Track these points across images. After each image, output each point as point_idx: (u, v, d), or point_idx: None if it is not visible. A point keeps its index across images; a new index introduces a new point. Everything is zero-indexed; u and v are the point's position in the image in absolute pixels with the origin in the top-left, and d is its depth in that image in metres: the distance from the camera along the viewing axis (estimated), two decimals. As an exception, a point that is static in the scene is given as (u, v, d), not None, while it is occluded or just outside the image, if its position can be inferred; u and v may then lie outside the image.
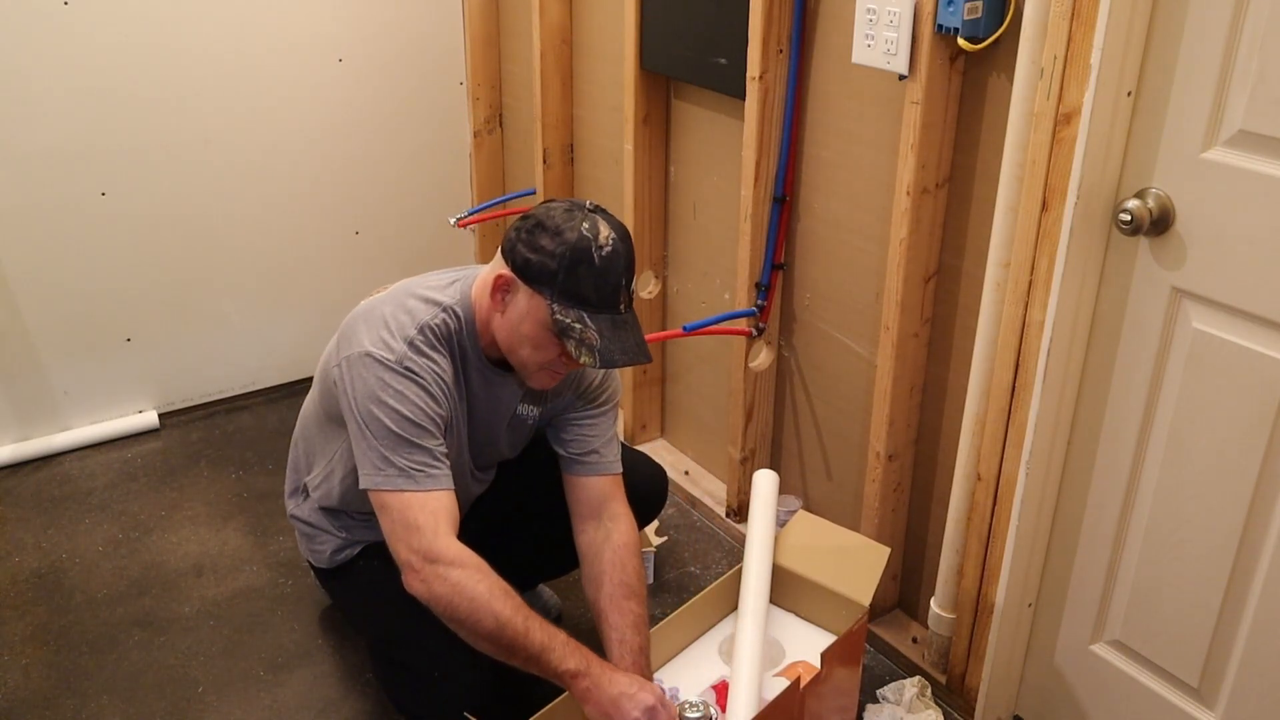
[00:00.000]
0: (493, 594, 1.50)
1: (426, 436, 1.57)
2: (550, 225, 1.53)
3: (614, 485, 1.78)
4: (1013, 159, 1.61)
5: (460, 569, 1.51)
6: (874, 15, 1.74)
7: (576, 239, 1.52)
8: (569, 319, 1.53)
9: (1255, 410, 1.45)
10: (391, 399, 1.55)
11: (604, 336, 1.53)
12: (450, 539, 1.53)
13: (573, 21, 2.67)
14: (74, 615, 2.20)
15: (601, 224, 1.54)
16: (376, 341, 1.58)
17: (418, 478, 1.54)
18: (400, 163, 3.05)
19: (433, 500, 1.54)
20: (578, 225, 1.53)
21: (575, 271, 1.52)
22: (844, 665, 1.73)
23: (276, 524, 2.48)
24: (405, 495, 1.54)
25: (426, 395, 1.58)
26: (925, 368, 1.96)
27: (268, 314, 2.98)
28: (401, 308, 1.62)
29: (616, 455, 1.80)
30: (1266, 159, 1.37)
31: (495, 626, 1.48)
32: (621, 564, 1.70)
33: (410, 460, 1.55)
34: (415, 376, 1.57)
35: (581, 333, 1.52)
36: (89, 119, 2.58)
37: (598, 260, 1.52)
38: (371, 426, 1.56)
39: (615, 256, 1.53)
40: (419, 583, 1.51)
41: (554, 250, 1.52)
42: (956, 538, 1.88)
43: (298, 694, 2.01)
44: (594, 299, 1.53)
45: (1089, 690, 1.80)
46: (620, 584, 1.68)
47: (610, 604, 1.66)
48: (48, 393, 2.74)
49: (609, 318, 1.54)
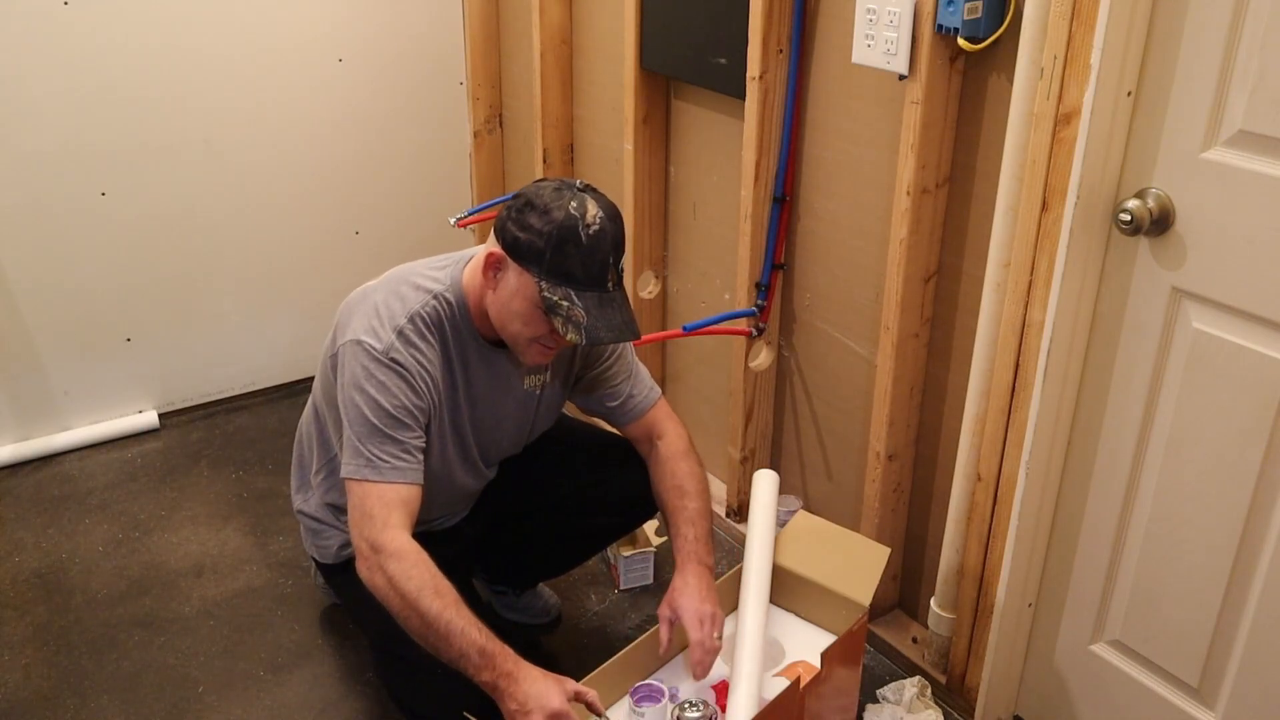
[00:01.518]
0: (422, 591, 1.50)
1: (401, 429, 1.60)
2: (539, 204, 1.55)
3: (656, 411, 1.86)
4: (1013, 159, 1.61)
5: (397, 561, 1.52)
6: (874, 15, 1.74)
7: (564, 217, 1.53)
8: (556, 296, 1.55)
9: (1255, 410, 1.45)
10: (373, 389, 1.59)
11: (590, 314, 1.55)
12: (397, 531, 1.55)
13: (573, 21, 2.67)
14: (74, 615, 2.20)
15: (590, 202, 1.56)
16: (367, 330, 1.62)
17: (382, 469, 1.57)
18: (400, 163, 3.05)
19: (390, 491, 1.57)
20: (566, 204, 1.54)
21: (563, 250, 1.53)
22: (844, 665, 1.73)
23: (276, 524, 2.48)
24: (366, 485, 1.57)
25: (408, 388, 1.61)
26: (925, 368, 1.96)
27: (268, 314, 2.98)
28: (394, 294, 1.66)
29: (647, 385, 1.87)
30: (1266, 159, 1.37)
31: (420, 625, 1.50)
32: (671, 471, 1.80)
33: (380, 451, 1.58)
34: (399, 368, 1.60)
35: (569, 310, 1.55)
36: (89, 119, 2.58)
37: (585, 239, 1.53)
38: (351, 413, 1.60)
39: (602, 235, 1.55)
40: (365, 570, 1.55)
41: (542, 229, 1.54)
42: (956, 538, 1.88)
43: (298, 694, 2.01)
44: (581, 277, 1.55)
45: (1089, 690, 1.80)
46: (672, 487, 1.79)
47: (668, 504, 1.79)
48: (48, 393, 2.74)
49: (596, 295, 1.56)
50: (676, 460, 1.81)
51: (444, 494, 1.84)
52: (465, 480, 1.83)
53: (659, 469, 1.82)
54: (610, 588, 2.30)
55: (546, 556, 2.10)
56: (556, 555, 2.11)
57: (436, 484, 1.79)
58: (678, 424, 1.87)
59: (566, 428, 2.04)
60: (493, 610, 2.17)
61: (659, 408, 1.86)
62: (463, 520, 1.93)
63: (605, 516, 2.00)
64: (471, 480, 1.85)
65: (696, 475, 1.81)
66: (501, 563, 2.11)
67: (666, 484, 1.80)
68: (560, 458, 1.96)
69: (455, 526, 1.92)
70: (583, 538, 2.06)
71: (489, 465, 1.88)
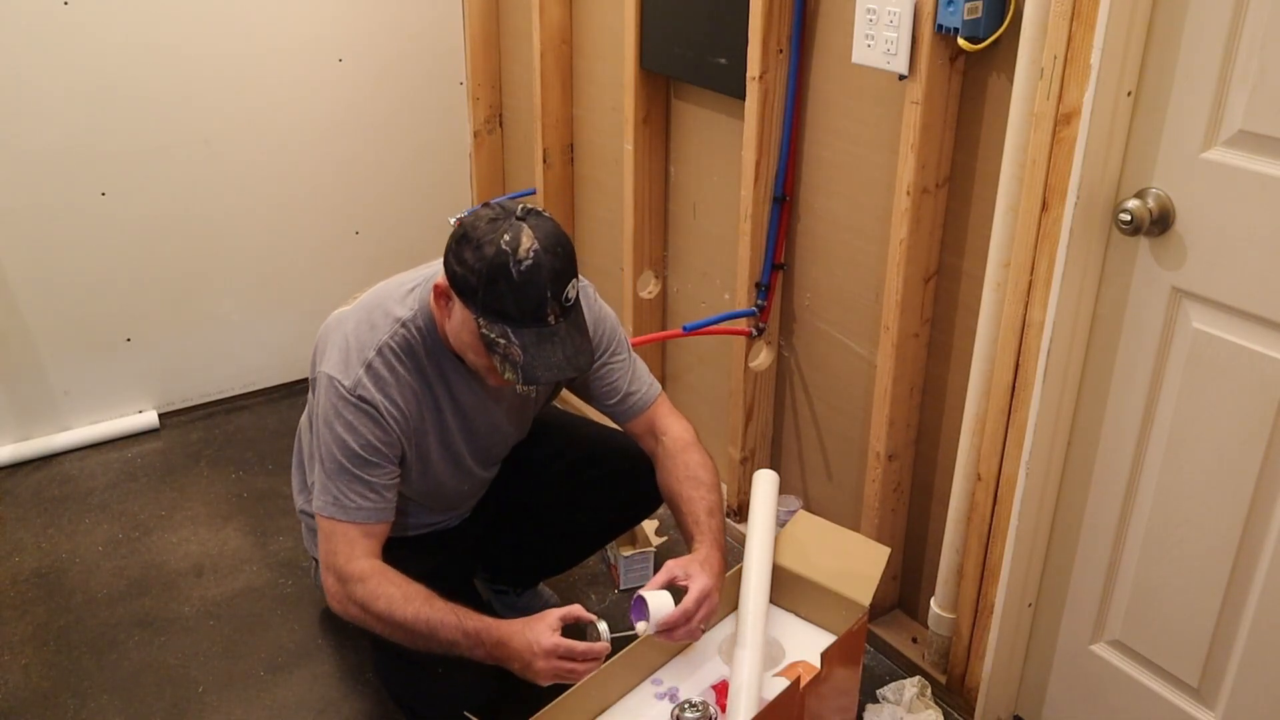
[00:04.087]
0: (393, 604, 1.56)
1: (368, 468, 1.62)
2: (474, 237, 1.50)
3: (656, 408, 1.84)
4: (1013, 159, 1.61)
5: (362, 585, 1.58)
6: (874, 15, 1.74)
7: (494, 254, 1.47)
8: (494, 334, 1.50)
9: (1255, 410, 1.45)
10: (341, 428, 1.61)
11: (528, 352, 1.50)
12: (361, 560, 1.61)
13: (573, 21, 2.67)
14: (74, 615, 2.20)
15: (525, 235, 1.48)
16: (338, 364, 1.63)
17: (348, 508, 1.62)
18: (400, 163, 3.05)
19: (354, 530, 1.62)
20: (499, 238, 1.48)
21: (494, 287, 1.48)
22: (844, 665, 1.73)
23: (276, 524, 2.48)
24: (332, 523, 1.62)
25: (375, 427, 1.62)
26: (925, 368, 1.96)
27: (268, 314, 2.98)
28: (365, 323, 1.65)
29: (647, 382, 1.84)
30: (1266, 159, 1.37)
31: (406, 634, 1.57)
32: (684, 462, 1.77)
33: (348, 490, 1.62)
34: (366, 406, 1.61)
35: (505, 348, 1.50)
36: (89, 119, 2.58)
37: (516, 275, 1.47)
38: (322, 449, 1.64)
39: (536, 270, 1.47)
40: (337, 605, 1.62)
41: (474, 265, 1.48)
42: (956, 538, 1.88)
43: (298, 694, 2.01)
44: (516, 314, 1.49)
45: (1089, 690, 1.80)
46: (687, 478, 1.75)
47: (682, 493, 1.74)
48: (48, 393, 2.74)
49: (534, 331, 1.51)
50: (688, 452, 1.78)
51: (443, 500, 1.85)
52: (463, 486, 1.84)
53: (668, 462, 1.78)
54: (610, 588, 2.30)
55: (548, 554, 2.11)
56: (558, 552, 2.11)
57: (434, 493, 1.80)
58: (681, 419, 1.85)
59: (569, 424, 2.04)
60: (493, 610, 2.18)
61: (659, 405, 1.84)
62: (465, 520, 1.93)
63: (607, 512, 2.00)
64: (471, 484, 1.85)
65: (709, 466, 1.78)
66: (503, 561, 2.11)
67: (679, 474, 1.75)
68: (562, 454, 1.97)
69: (458, 526, 1.92)
70: (584, 534, 2.06)
71: (490, 466, 1.88)
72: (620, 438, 1.91)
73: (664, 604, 1.58)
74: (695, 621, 1.59)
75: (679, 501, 1.75)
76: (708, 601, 1.60)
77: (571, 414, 2.13)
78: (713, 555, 1.66)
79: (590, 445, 1.98)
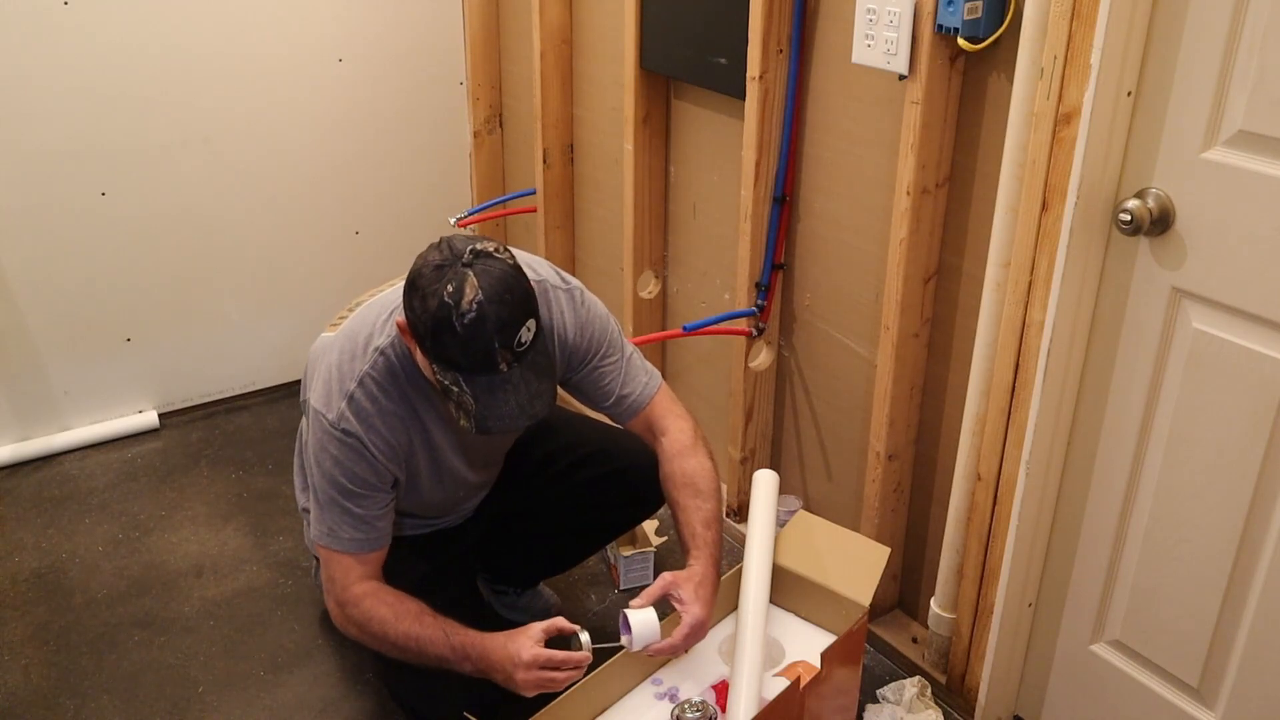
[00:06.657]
0: (385, 624, 1.63)
1: (357, 500, 1.65)
2: (420, 285, 1.46)
3: (655, 407, 1.82)
4: (1013, 159, 1.61)
5: (357, 607, 1.64)
6: (874, 15, 1.74)
7: (437, 307, 1.43)
8: (447, 380, 1.48)
9: (1255, 410, 1.45)
10: (329, 463, 1.64)
11: (480, 400, 1.47)
12: (356, 583, 1.66)
13: (573, 21, 2.67)
14: (74, 615, 2.20)
15: (469, 285, 1.43)
16: (323, 396, 1.65)
17: (341, 540, 1.66)
18: (400, 163, 3.05)
19: (348, 559, 1.67)
20: (442, 290, 1.43)
21: (440, 339, 1.45)
22: (844, 665, 1.73)
23: (276, 524, 2.48)
24: (328, 552, 1.68)
25: (360, 459, 1.63)
26: (925, 368, 1.96)
27: (268, 314, 2.98)
28: (347, 354, 1.66)
29: (642, 381, 1.81)
30: (1266, 159, 1.37)
31: (400, 651, 1.63)
32: (680, 469, 1.75)
33: (340, 522, 1.65)
34: (351, 439, 1.62)
35: (459, 396, 1.48)
36: (89, 119, 2.58)
37: (459, 328, 1.43)
38: (314, 478, 1.68)
39: (480, 322, 1.43)
40: (340, 627, 1.70)
41: (420, 315, 1.46)
42: (956, 538, 1.88)
43: (298, 694, 2.01)
44: (464, 364, 1.46)
45: (1089, 690, 1.80)
46: (684, 485, 1.74)
47: (679, 501, 1.74)
48: (48, 393, 2.74)
49: (486, 380, 1.47)
50: (685, 457, 1.76)
51: (440, 507, 1.86)
52: (458, 493, 1.85)
53: (666, 466, 1.77)
54: (610, 588, 2.30)
55: (548, 554, 2.10)
56: (559, 552, 2.11)
57: (429, 503, 1.81)
58: (680, 417, 1.82)
59: (570, 423, 2.04)
60: (494, 610, 2.17)
61: (658, 402, 1.81)
62: (467, 520, 1.94)
63: (608, 512, 2.00)
64: (467, 490, 1.86)
65: (707, 470, 1.76)
66: (504, 561, 2.11)
67: (676, 480, 1.74)
68: (562, 454, 1.96)
69: (459, 526, 1.92)
70: (585, 534, 2.06)
71: (487, 469, 1.88)
72: (622, 436, 1.90)
73: (651, 631, 1.59)
74: (677, 645, 1.62)
75: (676, 510, 1.75)
76: (697, 634, 1.62)
77: (572, 412, 2.13)
78: (708, 574, 1.66)
79: (591, 444, 1.97)
